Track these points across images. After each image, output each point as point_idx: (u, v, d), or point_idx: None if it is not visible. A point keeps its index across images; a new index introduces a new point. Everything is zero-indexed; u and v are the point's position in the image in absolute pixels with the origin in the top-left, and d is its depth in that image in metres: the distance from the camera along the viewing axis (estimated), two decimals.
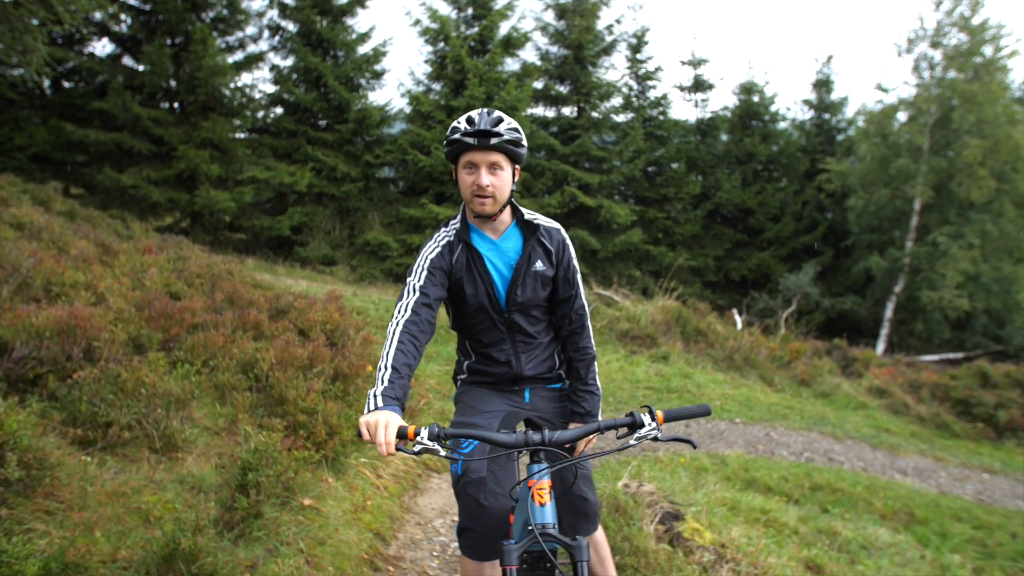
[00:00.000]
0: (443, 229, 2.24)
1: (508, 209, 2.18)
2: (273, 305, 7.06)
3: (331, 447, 4.24)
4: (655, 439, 1.78)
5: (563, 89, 22.43)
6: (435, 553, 3.82)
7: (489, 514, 2.07)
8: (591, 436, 1.87)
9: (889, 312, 21.80)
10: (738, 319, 16.05)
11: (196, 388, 4.14)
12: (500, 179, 2.05)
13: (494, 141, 1.98)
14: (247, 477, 3.22)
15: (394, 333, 1.96)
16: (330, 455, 4.24)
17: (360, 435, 1.71)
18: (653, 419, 1.80)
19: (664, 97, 24.12)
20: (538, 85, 21.60)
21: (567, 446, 1.91)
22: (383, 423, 1.68)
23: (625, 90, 23.90)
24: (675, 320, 11.66)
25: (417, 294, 2.05)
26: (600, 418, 2.16)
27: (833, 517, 4.72)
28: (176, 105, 17.58)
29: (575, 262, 2.28)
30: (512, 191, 2.12)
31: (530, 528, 1.78)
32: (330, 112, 19.00)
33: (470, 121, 2.02)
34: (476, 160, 2.02)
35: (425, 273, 2.10)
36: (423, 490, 4.79)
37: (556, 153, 21.28)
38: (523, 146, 2.06)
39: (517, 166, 2.11)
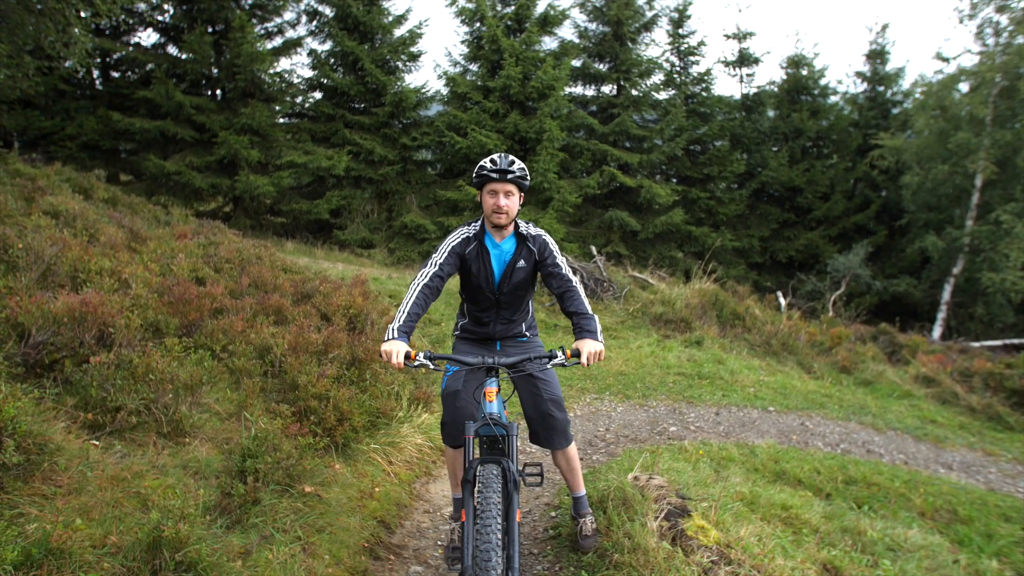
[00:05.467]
0: (466, 227, 3.11)
1: (511, 224, 3.07)
2: (299, 289, 7.12)
3: (341, 433, 4.22)
4: (563, 365, 2.77)
5: (602, 67, 21.91)
6: (440, 542, 3.76)
7: (459, 412, 3.03)
8: (527, 360, 2.82)
9: (947, 295, 20.71)
10: (782, 301, 15.49)
11: (208, 374, 4.18)
12: (512, 202, 2.96)
13: (509, 176, 2.90)
14: (246, 464, 3.23)
15: (415, 289, 2.91)
16: (340, 441, 4.22)
17: (380, 356, 2.66)
18: (563, 354, 2.76)
19: (707, 73, 23.35)
20: (576, 63, 21.13)
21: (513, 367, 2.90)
22: (396, 350, 2.66)
23: (666, 66, 23.22)
24: (711, 303, 11.31)
25: (436, 268, 2.98)
26: (600, 336, 2.91)
27: (861, 515, 4.46)
28: (217, 92, 17.96)
29: (556, 252, 3.13)
30: (518, 210, 3.02)
31: (482, 415, 2.73)
32: (367, 95, 19.08)
33: (493, 163, 2.91)
34: (497, 189, 2.93)
35: (446, 254, 3.02)
36: (436, 477, 4.73)
37: (595, 133, 20.84)
38: (528, 180, 2.97)
39: (523, 194, 3.00)
